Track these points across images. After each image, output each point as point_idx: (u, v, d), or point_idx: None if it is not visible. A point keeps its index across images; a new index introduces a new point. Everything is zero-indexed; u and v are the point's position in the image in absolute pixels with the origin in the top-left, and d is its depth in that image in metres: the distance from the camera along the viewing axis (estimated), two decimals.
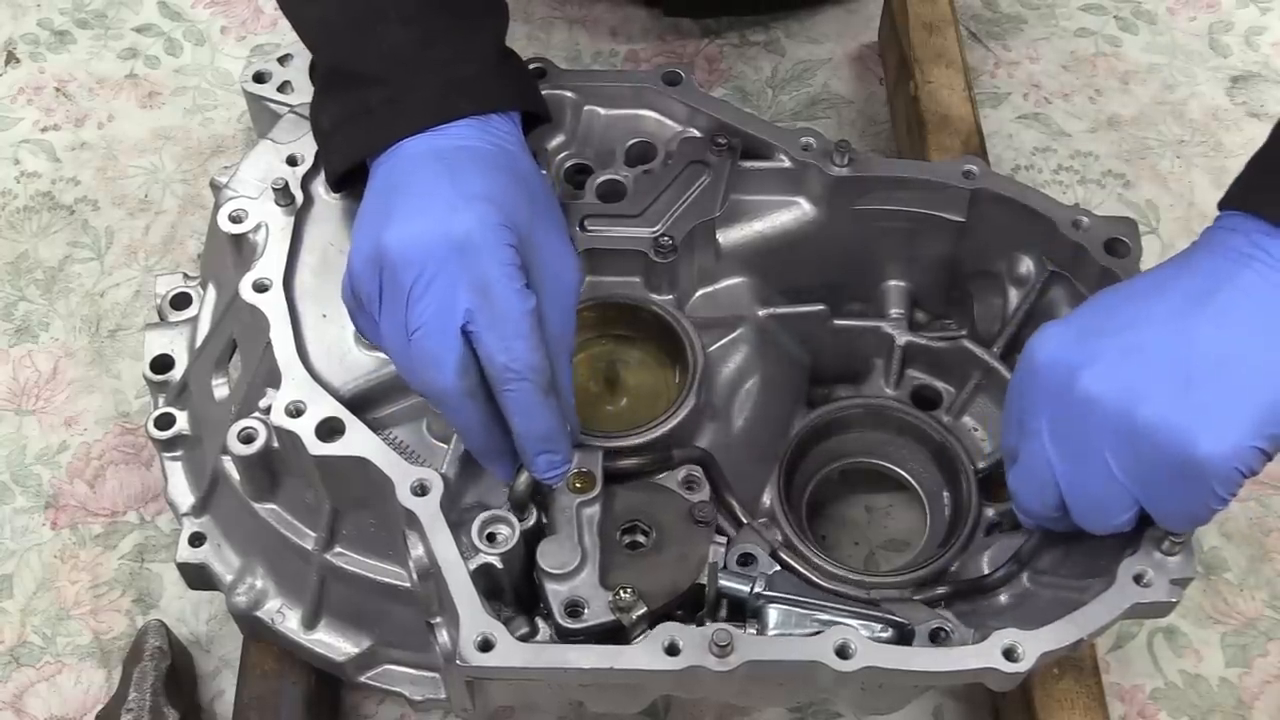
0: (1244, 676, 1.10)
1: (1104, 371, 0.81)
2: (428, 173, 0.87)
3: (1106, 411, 0.80)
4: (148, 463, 1.20)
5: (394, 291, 0.84)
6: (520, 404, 0.85)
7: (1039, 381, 0.85)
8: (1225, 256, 0.80)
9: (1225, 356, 0.78)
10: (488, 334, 0.83)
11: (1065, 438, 0.84)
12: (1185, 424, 0.78)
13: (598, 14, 1.49)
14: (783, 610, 0.90)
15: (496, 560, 0.88)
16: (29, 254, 1.33)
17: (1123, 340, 0.81)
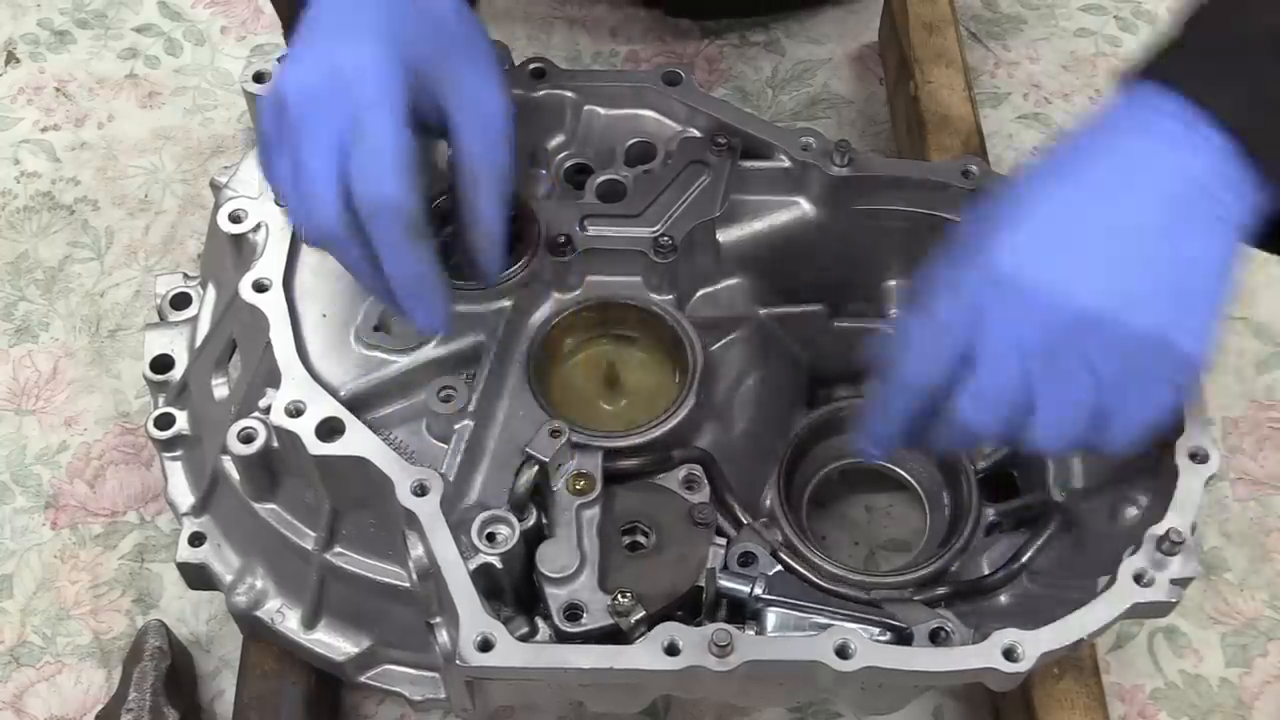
0: (1244, 676, 1.10)
1: (1099, 287, 0.77)
2: (329, 7, 0.86)
3: (1103, 325, 0.77)
4: (148, 463, 1.20)
5: (285, 130, 0.83)
6: (384, 244, 0.83)
7: (1013, 298, 0.78)
8: (1170, 145, 0.78)
9: (1196, 259, 0.78)
10: (357, 170, 0.81)
11: (1051, 353, 0.78)
12: (1178, 330, 0.78)
13: (598, 14, 1.49)
14: (783, 611, 0.90)
15: (496, 560, 0.88)
16: (29, 254, 1.33)
17: (1106, 251, 0.78)
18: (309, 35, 0.86)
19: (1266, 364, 1.25)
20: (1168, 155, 0.78)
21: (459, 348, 0.96)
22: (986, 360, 0.79)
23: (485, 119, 0.88)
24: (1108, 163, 0.79)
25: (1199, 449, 0.90)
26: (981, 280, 0.79)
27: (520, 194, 1.04)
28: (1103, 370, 0.78)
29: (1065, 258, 0.78)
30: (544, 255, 1.01)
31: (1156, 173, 0.78)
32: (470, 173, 0.87)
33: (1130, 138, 0.79)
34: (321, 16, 0.86)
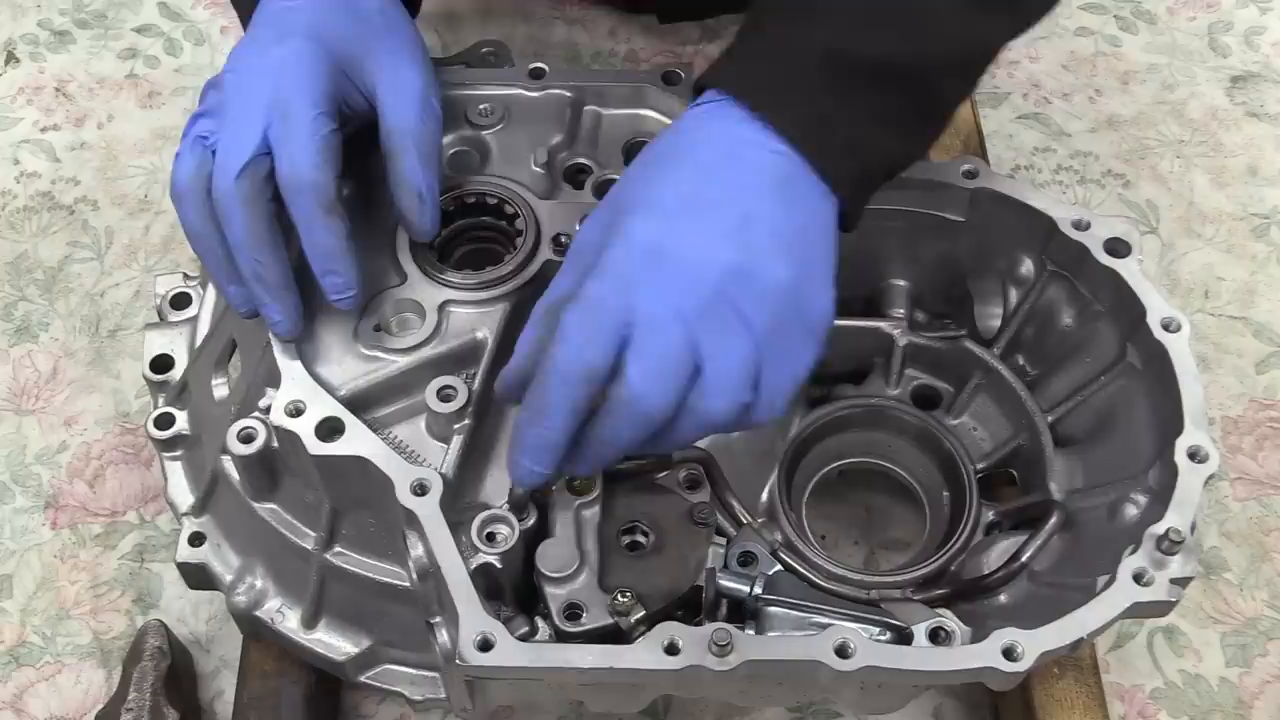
0: (1244, 676, 1.10)
1: (734, 247, 0.82)
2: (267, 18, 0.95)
3: (747, 277, 0.82)
4: (148, 463, 1.20)
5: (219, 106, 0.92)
6: (299, 218, 0.90)
7: (661, 266, 0.82)
8: (755, 144, 0.85)
9: (805, 227, 0.85)
10: (277, 148, 0.89)
11: (706, 310, 0.81)
12: (808, 283, 0.84)
13: (597, 14, 1.49)
14: (783, 610, 0.90)
15: (496, 560, 0.88)
16: (29, 254, 1.33)
17: (731, 220, 0.83)
18: (249, 40, 0.95)
19: (1266, 364, 1.25)
20: (758, 148, 0.85)
21: (459, 347, 0.96)
22: (649, 328, 0.81)
23: (404, 89, 0.94)
24: (712, 149, 0.85)
25: (1198, 448, 0.90)
26: (627, 256, 0.82)
27: (520, 192, 1.04)
28: (754, 321, 0.81)
29: (699, 225, 0.83)
30: (544, 255, 1.01)
31: (753, 160, 0.84)
32: (391, 137, 0.93)
33: (725, 129, 0.86)
34: (260, 24, 0.95)
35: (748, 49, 0.90)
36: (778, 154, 0.84)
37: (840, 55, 0.85)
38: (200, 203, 0.90)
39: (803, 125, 0.85)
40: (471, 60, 1.13)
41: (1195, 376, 0.93)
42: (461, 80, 1.11)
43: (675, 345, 0.80)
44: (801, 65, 0.86)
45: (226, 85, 0.93)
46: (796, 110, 0.85)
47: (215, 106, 0.92)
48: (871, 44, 0.86)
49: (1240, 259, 1.32)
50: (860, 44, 0.86)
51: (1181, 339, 0.95)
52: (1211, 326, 1.27)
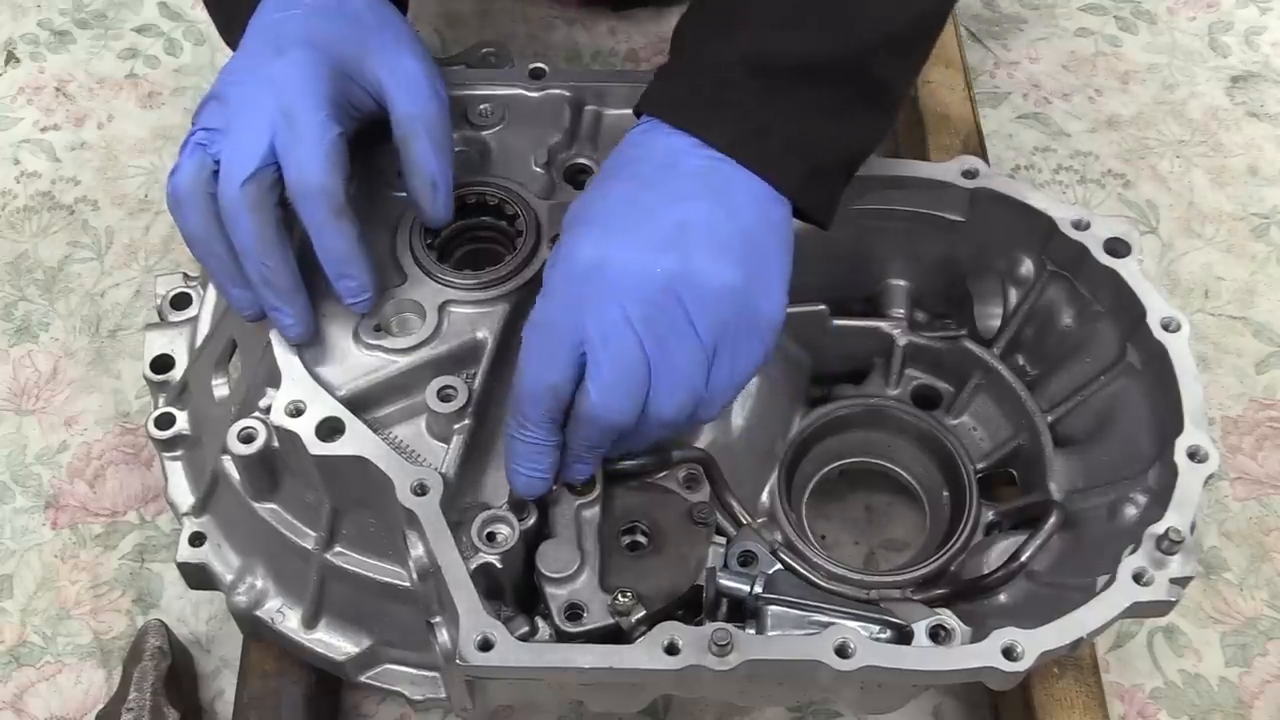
0: (1244, 676, 1.10)
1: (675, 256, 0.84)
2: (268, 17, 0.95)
3: (690, 282, 0.84)
4: (148, 463, 1.20)
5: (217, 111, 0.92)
6: (311, 223, 0.90)
7: (605, 281, 0.84)
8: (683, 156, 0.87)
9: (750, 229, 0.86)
10: (285, 155, 0.89)
11: (654, 318, 0.84)
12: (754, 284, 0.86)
13: (597, 14, 1.49)
14: (782, 610, 0.90)
15: (496, 560, 0.88)
16: (29, 254, 1.33)
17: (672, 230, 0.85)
18: (245, 53, 0.95)
19: (1266, 364, 1.25)
20: (692, 156, 0.87)
21: (459, 347, 0.96)
22: (601, 342, 0.84)
23: (409, 77, 0.94)
24: (648, 162, 0.88)
25: (1198, 448, 0.90)
26: (572, 276, 0.85)
27: (520, 192, 1.04)
28: (700, 324, 0.84)
29: (637, 235, 0.85)
30: (544, 255, 1.01)
31: (689, 167, 0.87)
32: (403, 124, 0.93)
33: (661, 143, 0.88)
34: (254, 37, 0.95)
35: (673, 68, 0.92)
36: (713, 159, 0.86)
37: (762, 59, 0.87)
38: (202, 208, 0.90)
39: (731, 136, 0.87)
40: (471, 60, 1.13)
41: (1195, 376, 0.94)
42: (461, 80, 1.11)
43: (627, 356, 0.84)
44: (725, 77, 0.87)
45: (229, 98, 0.92)
46: (725, 124, 0.87)
47: (217, 118, 0.91)
48: (792, 44, 0.87)
49: (1240, 259, 1.32)
50: (780, 45, 0.87)
51: (1181, 339, 0.95)
52: (1211, 326, 1.27)
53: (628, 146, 0.91)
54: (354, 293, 0.93)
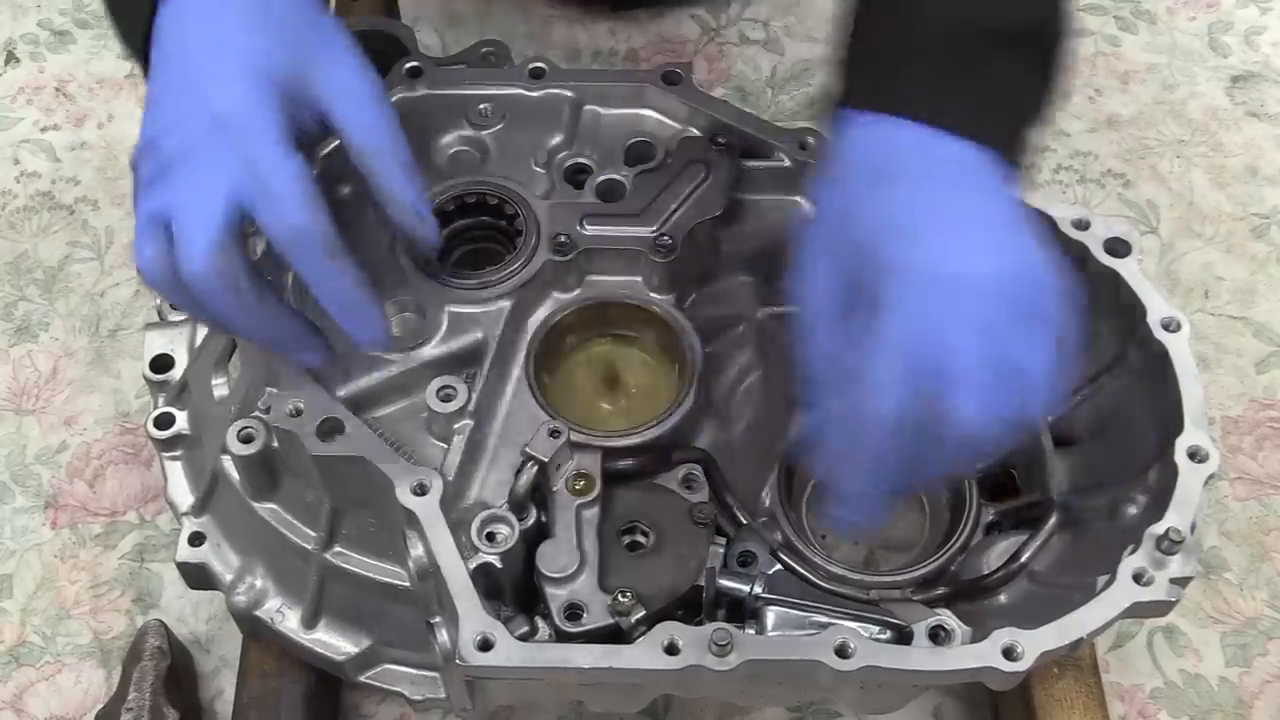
0: (1244, 676, 1.10)
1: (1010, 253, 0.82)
2: (185, 44, 0.84)
3: (1027, 277, 0.81)
4: (148, 463, 1.20)
5: (159, 177, 0.82)
6: (310, 271, 0.83)
7: (957, 289, 0.80)
8: (937, 150, 0.84)
9: (1014, 208, 0.84)
10: (262, 208, 0.81)
11: (1013, 315, 0.80)
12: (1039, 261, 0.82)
13: (597, 14, 1.49)
14: (782, 610, 0.90)
15: (496, 560, 0.88)
16: (29, 254, 1.33)
17: (995, 230, 0.83)
18: (169, 75, 0.84)
19: (1266, 364, 1.25)
20: (944, 148, 0.84)
21: (459, 347, 0.96)
22: (960, 357, 0.78)
23: (360, 100, 0.86)
24: (913, 161, 0.84)
25: (1198, 448, 0.90)
26: (907, 289, 0.79)
27: (520, 192, 1.04)
28: (1045, 314, 0.80)
29: (956, 240, 0.81)
30: (544, 255, 1.01)
31: (951, 161, 0.84)
32: (364, 154, 0.86)
33: (908, 138, 0.84)
34: (175, 51, 0.84)
35: (884, 58, 0.88)
36: (965, 148, 0.84)
37: (959, 34, 0.85)
38: (179, 288, 0.82)
39: (973, 116, 0.84)
40: (471, 60, 1.13)
41: (1195, 376, 0.93)
42: (461, 80, 1.11)
43: (994, 366, 0.78)
44: (926, 53, 0.85)
45: (165, 148, 0.82)
46: (959, 102, 0.84)
47: (157, 177, 0.82)
48: (993, 8, 0.86)
49: (1240, 259, 1.32)
50: (982, 12, 0.86)
51: (1181, 339, 0.95)
52: (1211, 326, 1.27)
53: (873, 147, 0.85)
54: (366, 332, 0.86)
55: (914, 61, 0.86)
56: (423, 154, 1.06)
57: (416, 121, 1.08)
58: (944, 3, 0.86)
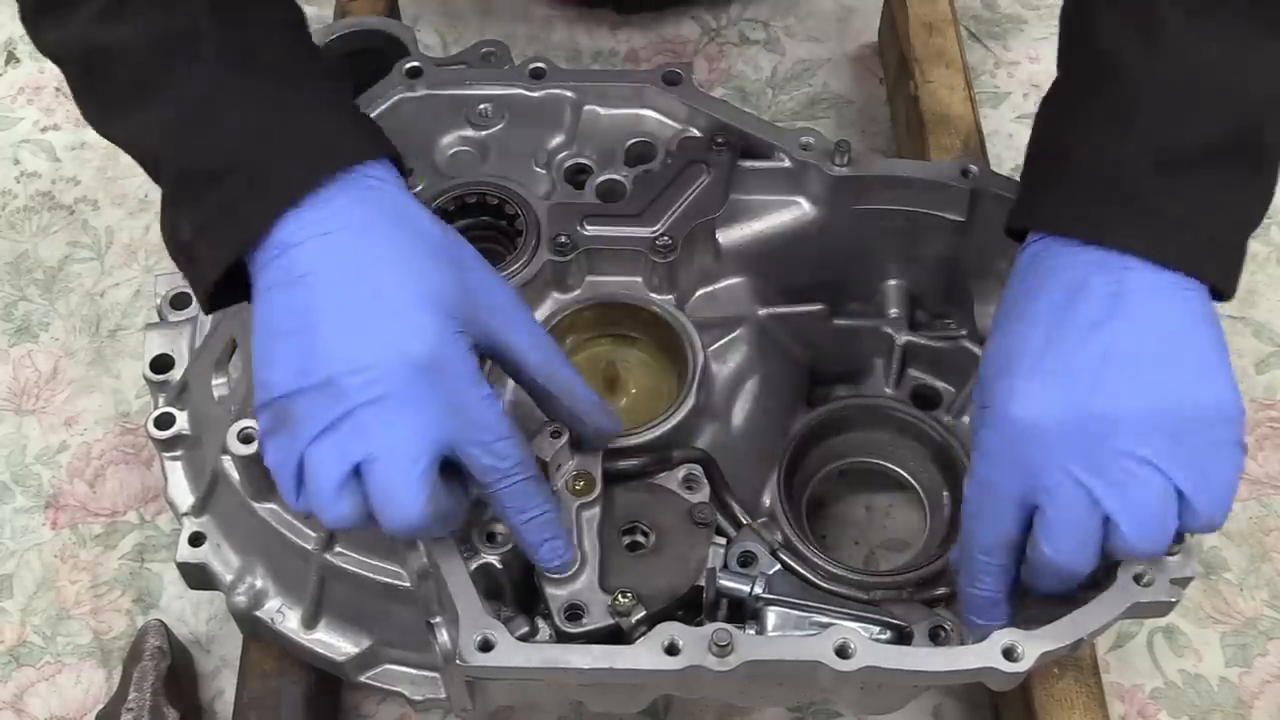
0: (1244, 676, 1.10)
1: (1106, 399, 0.81)
2: (345, 272, 0.80)
3: (1131, 422, 0.80)
4: (148, 463, 1.20)
5: (339, 418, 0.78)
6: (514, 503, 0.84)
7: (1043, 440, 0.81)
8: (1105, 285, 0.82)
9: (1172, 335, 0.82)
10: (472, 448, 0.81)
11: (1101, 470, 0.80)
12: (1194, 394, 0.81)
13: (597, 14, 1.49)
14: (782, 611, 0.90)
15: (496, 560, 0.88)
16: (29, 254, 1.33)
17: (1095, 355, 0.82)
18: (341, 311, 0.80)
19: (1266, 364, 1.25)
20: (1101, 276, 0.82)
21: None
22: (1049, 500, 0.81)
23: (521, 319, 0.86)
24: (1058, 292, 0.83)
25: None
26: (1007, 440, 0.82)
27: (520, 192, 1.04)
28: (1151, 455, 0.80)
29: (1063, 384, 0.81)
30: (544, 255, 1.01)
31: (1102, 288, 0.82)
32: (542, 373, 0.86)
33: (1063, 262, 0.84)
34: (332, 280, 0.80)
35: (1053, 173, 0.87)
36: (1125, 269, 0.81)
37: (1164, 152, 0.82)
38: (377, 527, 0.81)
39: (1149, 238, 0.81)
40: (471, 60, 1.13)
41: None
42: (461, 80, 1.11)
43: (1075, 511, 0.81)
44: (1127, 176, 0.82)
45: (350, 393, 0.78)
46: (1140, 228, 0.81)
47: (340, 420, 0.78)
48: (1191, 129, 0.82)
49: None
50: (1180, 133, 0.82)
51: None
52: None
53: (1029, 275, 0.85)
54: (559, 558, 0.87)
55: (1102, 184, 0.83)
56: (423, 154, 1.06)
57: (416, 121, 1.09)
58: (1145, 126, 0.83)
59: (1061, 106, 0.89)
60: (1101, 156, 0.84)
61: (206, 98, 0.83)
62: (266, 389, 0.81)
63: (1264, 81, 0.84)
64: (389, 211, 0.83)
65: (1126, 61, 0.84)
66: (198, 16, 0.83)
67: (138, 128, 0.87)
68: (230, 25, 0.84)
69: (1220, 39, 0.83)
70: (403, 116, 1.09)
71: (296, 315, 0.80)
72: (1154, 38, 0.83)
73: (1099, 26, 0.86)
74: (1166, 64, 0.83)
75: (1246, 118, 0.83)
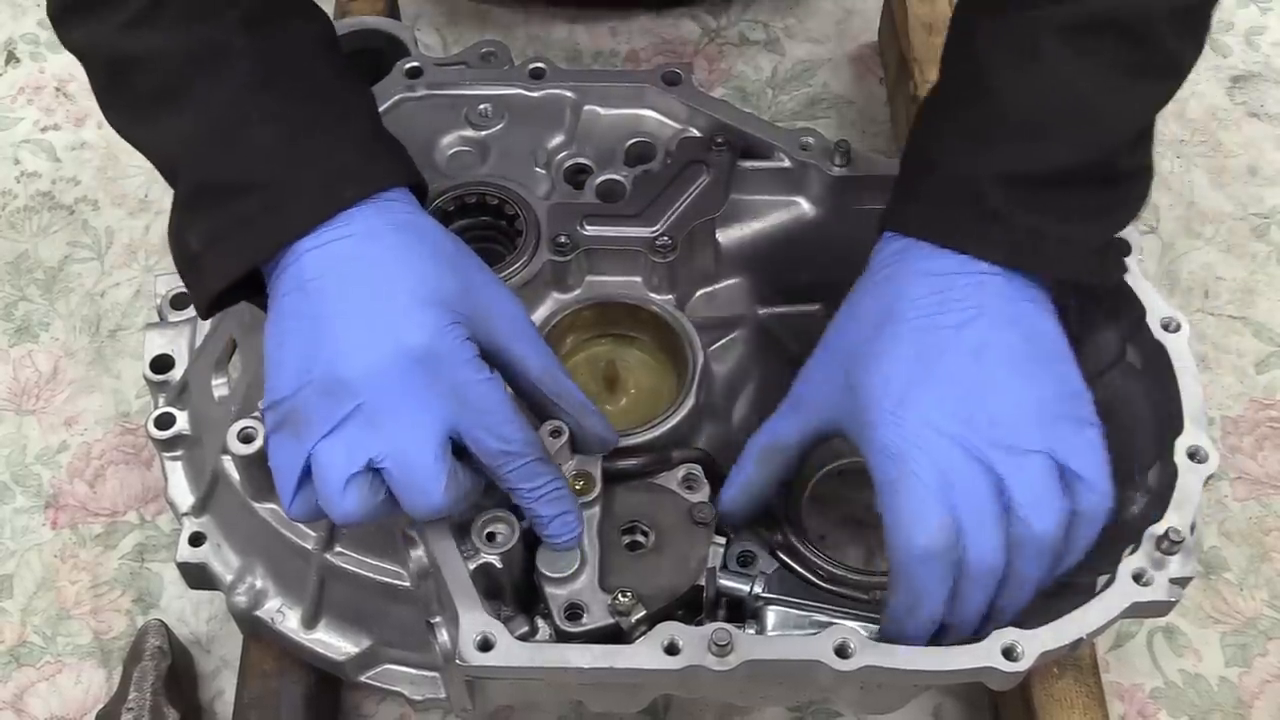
0: (1244, 676, 1.10)
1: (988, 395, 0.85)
2: (349, 276, 0.82)
3: (1017, 408, 0.84)
4: (148, 463, 1.20)
5: (344, 415, 0.80)
6: (522, 483, 0.84)
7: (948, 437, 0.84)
8: (966, 287, 0.86)
9: (1038, 335, 0.87)
10: (477, 431, 0.82)
11: (992, 456, 0.83)
12: (1064, 389, 0.87)
13: (597, 14, 1.49)
14: (782, 610, 0.90)
15: (496, 560, 0.88)
16: (29, 254, 1.33)
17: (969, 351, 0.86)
18: (343, 316, 0.81)
19: (1266, 364, 1.25)
20: (963, 279, 0.86)
21: None
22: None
23: (522, 325, 0.87)
24: (922, 291, 0.87)
25: (1198, 448, 0.90)
26: (905, 434, 0.83)
27: (520, 192, 1.04)
28: (1042, 438, 0.84)
29: (944, 388, 0.84)
30: (544, 255, 1.01)
31: (964, 289, 0.86)
32: (543, 378, 0.87)
33: (922, 266, 0.87)
34: (339, 291, 0.82)
35: (917, 183, 0.91)
36: (982, 275, 0.86)
37: (1019, 172, 0.86)
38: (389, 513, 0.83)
39: (1006, 248, 0.86)
40: (471, 60, 1.13)
41: (1195, 376, 0.93)
42: (461, 80, 1.11)
43: (980, 494, 0.83)
44: (983, 191, 0.86)
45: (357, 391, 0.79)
46: (995, 237, 0.86)
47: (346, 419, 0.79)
48: (1046, 155, 0.86)
49: (1240, 259, 1.32)
50: (1034, 163, 0.86)
51: (1181, 339, 0.95)
52: (1211, 326, 1.27)
53: (889, 275, 0.89)
54: (568, 533, 0.88)
55: (962, 196, 0.87)
56: (423, 154, 1.06)
57: (416, 121, 1.09)
58: (1006, 148, 0.87)
59: (935, 114, 0.93)
60: (963, 172, 0.87)
61: (231, 112, 0.84)
62: (272, 391, 0.82)
63: (1127, 119, 0.89)
64: (400, 223, 0.85)
65: (1000, 82, 0.87)
66: (230, 30, 0.84)
67: (159, 135, 0.88)
68: (261, 40, 0.85)
69: (1093, 73, 0.86)
70: (403, 116, 1.09)
71: (302, 319, 0.82)
72: (1029, 62, 0.86)
73: (980, 40, 0.90)
74: (1038, 89, 0.87)
75: (1105, 149, 0.88)
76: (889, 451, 0.83)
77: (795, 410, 0.91)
